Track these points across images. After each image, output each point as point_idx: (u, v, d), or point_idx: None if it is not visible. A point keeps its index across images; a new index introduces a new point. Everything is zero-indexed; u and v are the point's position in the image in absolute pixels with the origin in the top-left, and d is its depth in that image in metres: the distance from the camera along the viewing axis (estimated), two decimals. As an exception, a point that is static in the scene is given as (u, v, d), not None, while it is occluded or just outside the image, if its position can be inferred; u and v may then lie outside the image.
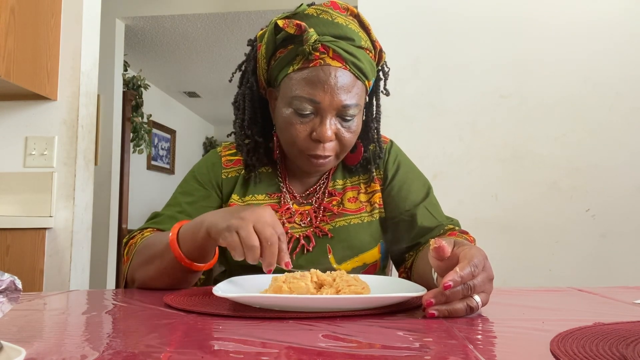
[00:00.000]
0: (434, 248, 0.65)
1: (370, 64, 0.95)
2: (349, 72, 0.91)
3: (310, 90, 0.90)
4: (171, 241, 0.84)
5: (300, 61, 0.91)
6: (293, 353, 0.45)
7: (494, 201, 1.94)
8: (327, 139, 0.92)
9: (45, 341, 0.52)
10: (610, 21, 1.94)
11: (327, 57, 0.90)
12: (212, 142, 7.30)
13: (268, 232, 0.74)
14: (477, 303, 0.62)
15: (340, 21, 0.92)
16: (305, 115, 0.92)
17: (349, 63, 0.91)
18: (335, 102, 0.90)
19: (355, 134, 0.96)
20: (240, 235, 0.74)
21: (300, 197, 1.05)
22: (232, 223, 0.75)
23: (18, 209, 1.84)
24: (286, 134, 0.95)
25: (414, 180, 1.07)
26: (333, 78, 0.89)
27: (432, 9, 2.03)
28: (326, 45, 0.89)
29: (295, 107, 0.92)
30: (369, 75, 0.95)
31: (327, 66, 0.90)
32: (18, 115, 1.89)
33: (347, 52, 0.91)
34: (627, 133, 1.91)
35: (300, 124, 0.92)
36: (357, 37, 0.93)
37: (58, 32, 1.89)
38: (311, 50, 0.89)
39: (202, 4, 3.55)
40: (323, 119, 0.91)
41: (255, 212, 0.76)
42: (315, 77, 0.90)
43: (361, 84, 0.94)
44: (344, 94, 0.90)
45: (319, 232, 1.00)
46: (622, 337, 0.48)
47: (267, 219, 0.75)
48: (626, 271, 1.86)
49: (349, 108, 0.91)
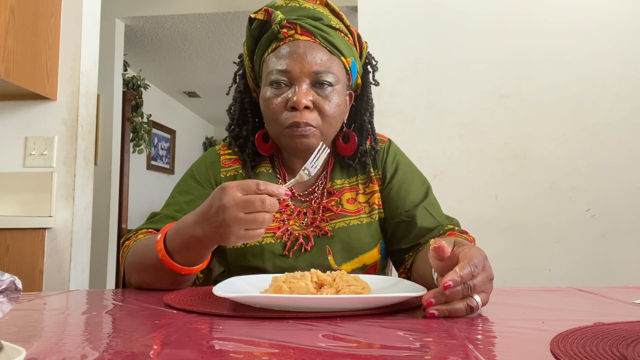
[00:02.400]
0: (433, 248, 0.65)
1: (343, 42, 0.98)
2: (320, 45, 0.95)
3: (283, 62, 0.94)
4: (159, 252, 0.82)
5: (273, 45, 0.97)
6: (293, 353, 0.45)
7: (494, 201, 1.94)
8: (302, 104, 0.92)
9: (45, 341, 0.52)
10: (610, 21, 1.94)
11: (296, 33, 0.95)
12: (211, 142, 7.30)
13: (257, 202, 0.71)
14: (477, 303, 0.62)
15: (308, 6, 0.98)
16: (280, 87, 0.95)
17: (317, 36, 0.95)
18: (305, 69, 0.93)
19: (337, 106, 0.96)
20: (245, 225, 0.72)
21: (299, 196, 1.05)
22: (224, 219, 0.72)
23: (18, 209, 1.84)
24: (267, 113, 0.98)
25: (413, 180, 1.06)
26: (302, 48, 0.94)
27: (432, 9, 2.03)
28: (293, 22, 0.95)
29: (270, 82, 0.96)
30: (344, 52, 0.98)
31: (296, 41, 0.95)
32: (18, 115, 1.89)
33: (315, 27, 0.95)
34: (627, 133, 1.91)
35: (276, 97, 0.95)
36: (326, 18, 0.97)
37: (58, 32, 1.89)
38: (279, 29, 0.94)
39: (202, 4, 3.55)
40: (298, 86, 0.94)
41: (225, 196, 0.73)
42: (285, 51, 0.95)
43: (336, 58, 0.97)
44: (315, 61, 0.94)
45: (319, 231, 1.00)
46: (622, 337, 0.48)
47: (236, 192, 0.72)
48: (626, 271, 1.86)
49: (321, 74, 0.94)
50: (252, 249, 0.98)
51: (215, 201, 0.74)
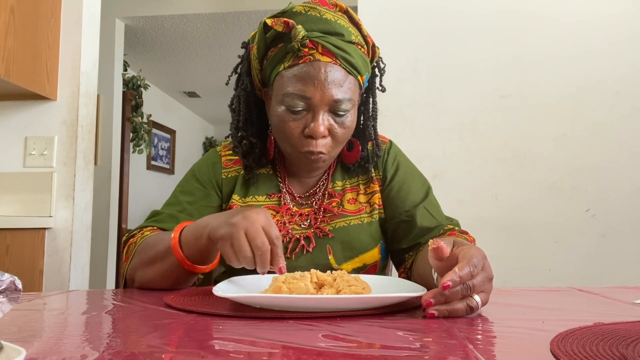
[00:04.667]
0: (432, 249, 0.65)
1: (362, 58, 0.94)
2: (340, 67, 0.91)
3: (301, 87, 0.90)
4: (173, 245, 0.84)
5: (290, 59, 0.91)
6: (293, 353, 0.45)
7: (494, 201, 1.94)
8: (320, 135, 0.91)
9: (45, 341, 0.52)
10: (611, 21, 1.94)
11: (317, 52, 0.90)
12: (212, 142, 7.30)
13: (259, 240, 0.72)
14: (477, 303, 0.62)
15: (329, 17, 0.92)
16: (298, 112, 0.91)
17: (339, 58, 0.90)
18: (326, 97, 0.90)
19: (349, 129, 0.95)
20: (233, 246, 0.74)
21: (299, 198, 1.05)
22: (226, 232, 0.75)
23: (18, 208, 1.84)
24: (280, 132, 0.95)
25: (413, 181, 1.06)
26: (323, 73, 0.89)
27: (433, 9, 2.03)
28: (315, 40, 0.89)
29: (287, 104, 0.92)
30: (361, 70, 0.94)
31: (317, 62, 0.89)
32: (18, 115, 1.89)
33: (336, 47, 0.90)
34: (627, 133, 1.91)
35: (293, 121, 0.92)
36: (347, 32, 0.92)
37: (58, 32, 1.89)
38: (299, 46, 0.89)
39: (202, 4, 3.55)
40: (315, 115, 0.91)
41: (247, 218, 0.74)
42: (305, 73, 0.89)
43: (353, 79, 0.93)
44: (335, 88, 0.90)
45: (320, 232, 1.00)
46: (622, 337, 0.48)
47: (259, 224, 0.74)
48: (626, 271, 1.86)
49: (341, 103, 0.91)
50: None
51: (247, 209, 0.77)
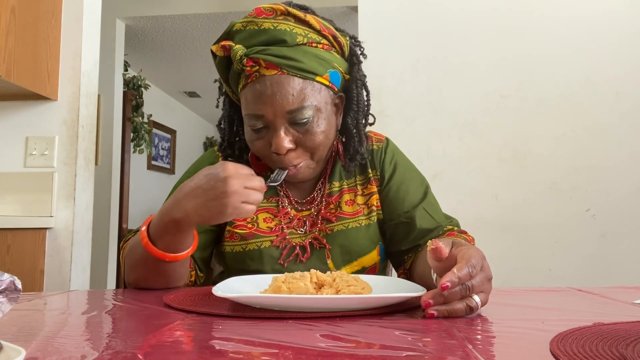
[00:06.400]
0: (431, 249, 0.65)
1: (316, 58, 0.90)
2: (288, 76, 0.88)
3: (254, 106, 0.90)
4: (142, 237, 0.83)
5: (242, 78, 0.91)
6: (293, 353, 0.45)
7: (494, 201, 1.94)
8: (283, 150, 0.90)
9: (45, 341, 0.52)
10: (611, 21, 1.94)
11: (261, 68, 0.88)
12: (212, 142, 7.30)
13: (253, 197, 0.79)
14: (477, 303, 0.62)
15: (268, 26, 0.89)
16: (259, 130, 0.92)
17: (284, 67, 0.87)
18: (278, 111, 0.88)
19: (319, 135, 0.91)
20: (241, 198, 0.78)
21: (297, 204, 1.04)
22: (222, 191, 0.77)
23: (18, 209, 1.84)
24: (254, 150, 0.97)
25: (411, 181, 1.05)
26: (269, 87, 0.87)
27: (433, 9, 2.03)
28: (254, 57, 0.87)
29: (249, 125, 0.93)
30: (317, 70, 0.90)
31: (263, 77, 0.88)
32: (18, 115, 1.89)
33: (279, 56, 0.87)
34: (627, 133, 1.91)
35: (257, 140, 0.93)
36: (291, 36, 0.88)
37: (58, 32, 1.89)
38: (242, 67, 0.88)
39: (202, 4, 3.55)
40: (275, 131, 0.90)
41: (225, 170, 0.78)
42: (255, 91, 0.89)
43: (310, 82, 0.89)
44: (287, 99, 0.87)
45: (317, 243, 0.99)
46: (621, 337, 0.48)
47: (232, 171, 0.78)
48: (626, 271, 1.86)
49: (296, 112, 0.88)
50: (250, 253, 0.98)
51: (216, 174, 0.78)
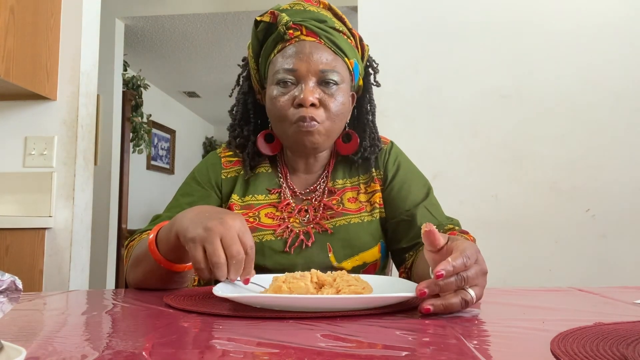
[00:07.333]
0: (425, 232, 0.65)
1: (347, 44, 1.00)
2: (325, 46, 0.97)
3: (290, 61, 0.96)
4: (150, 244, 0.83)
5: (279, 46, 0.98)
6: (293, 353, 0.45)
7: (494, 201, 1.94)
8: (309, 101, 0.94)
9: (45, 341, 0.52)
10: (611, 21, 1.94)
11: (302, 35, 0.97)
12: (212, 142, 7.30)
13: (235, 249, 0.69)
14: (472, 297, 0.62)
15: (312, 9, 1.00)
16: (287, 85, 0.96)
17: (322, 37, 0.97)
18: (312, 67, 0.95)
19: (342, 104, 0.98)
20: (206, 250, 0.70)
21: (300, 194, 1.06)
22: (199, 234, 0.71)
23: (18, 209, 1.84)
24: (274, 111, 0.98)
25: (413, 181, 1.07)
26: (308, 48, 0.96)
27: (432, 10, 2.03)
28: (298, 23, 0.96)
29: (277, 82, 0.97)
30: (347, 53, 1.00)
31: (302, 41, 0.97)
32: (18, 115, 1.89)
33: (319, 29, 0.97)
34: (627, 133, 1.91)
35: (283, 95, 0.97)
36: (330, 20, 0.99)
37: (58, 32, 1.89)
38: (285, 30, 0.96)
39: (202, 4, 3.55)
40: (304, 84, 0.96)
41: (224, 224, 0.71)
42: (292, 51, 0.97)
43: (340, 60, 0.99)
44: (321, 60, 0.96)
45: (319, 228, 1.01)
46: (622, 337, 0.48)
47: (235, 231, 0.71)
48: (626, 271, 1.86)
49: (327, 73, 0.96)
50: None
51: (223, 213, 0.74)
